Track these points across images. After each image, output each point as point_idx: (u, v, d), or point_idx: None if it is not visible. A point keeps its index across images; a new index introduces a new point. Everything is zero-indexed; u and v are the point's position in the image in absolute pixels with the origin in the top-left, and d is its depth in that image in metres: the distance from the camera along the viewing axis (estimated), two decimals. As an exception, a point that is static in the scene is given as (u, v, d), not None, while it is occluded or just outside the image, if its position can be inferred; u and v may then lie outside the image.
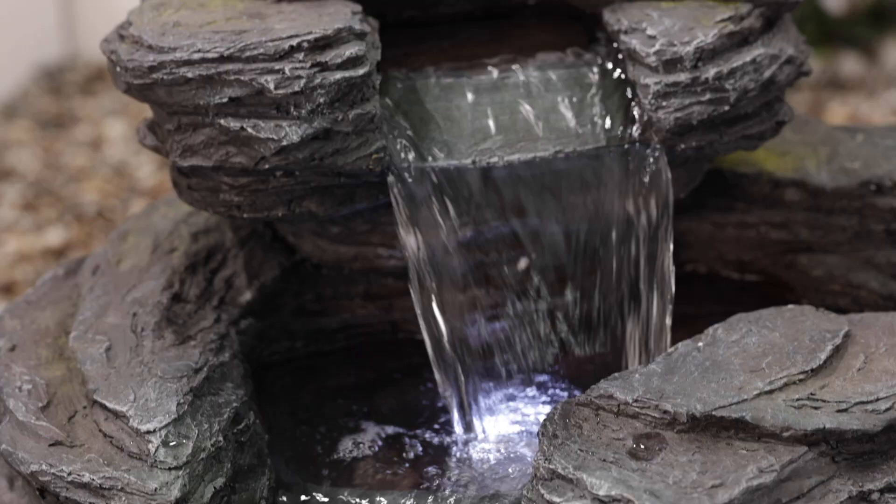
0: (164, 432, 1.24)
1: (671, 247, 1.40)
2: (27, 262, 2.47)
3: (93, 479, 1.22)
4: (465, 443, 1.39)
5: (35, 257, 2.50)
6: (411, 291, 1.37)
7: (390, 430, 1.42)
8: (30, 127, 2.95)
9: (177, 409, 1.26)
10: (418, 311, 1.37)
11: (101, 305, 1.41)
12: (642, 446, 1.21)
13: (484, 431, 1.41)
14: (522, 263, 1.44)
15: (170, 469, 1.22)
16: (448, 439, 1.40)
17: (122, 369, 1.31)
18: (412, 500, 1.28)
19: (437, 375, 1.39)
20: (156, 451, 1.22)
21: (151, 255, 1.47)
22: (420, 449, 1.39)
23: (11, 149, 2.85)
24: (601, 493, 1.16)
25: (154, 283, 1.43)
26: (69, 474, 1.23)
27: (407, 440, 1.40)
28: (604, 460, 1.19)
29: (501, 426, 1.42)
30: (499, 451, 1.38)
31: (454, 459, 1.37)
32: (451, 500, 1.27)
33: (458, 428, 1.41)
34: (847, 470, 1.21)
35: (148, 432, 1.24)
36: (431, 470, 1.35)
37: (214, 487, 1.23)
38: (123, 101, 2.95)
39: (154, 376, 1.29)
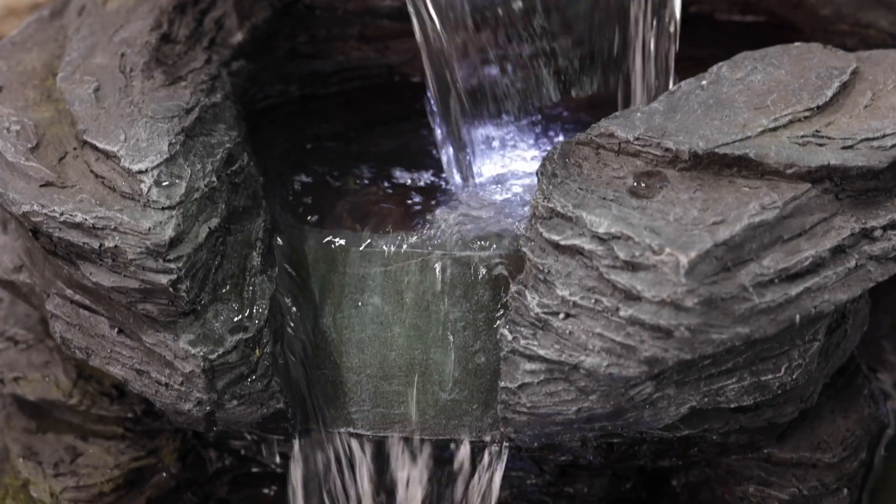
0: (156, 172, 1.21)
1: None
2: (15, 17, 2.41)
3: (85, 219, 1.20)
4: (464, 184, 1.38)
5: (23, 12, 2.44)
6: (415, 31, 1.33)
7: (387, 172, 1.40)
8: None
9: (168, 149, 1.23)
10: (422, 51, 1.33)
11: (88, 46, 1.37)
12: (643, 184, 1.19)
13: (482, 174, 1.39)
14: (522, 3, 1.39)
15: (163, 208, 1.20)
16: (446, 182, 1.38)
17: (112, 110, 1.28)
18: (410, 240, 1.27)
19: (435, 118, 1.36)
20: (148, 190, 1.20)
21: (139, -6, 1.43)
22: (418, 191, 1.37)
23: None
24: (600, 230, 1.14)
25: (142, 24, 1.38)
26: (61, 214, 1.21)
27: (404, 182, 1.39)
28: (603, 198, 1.17)
29: (500, 168, 1.40)
30: (497, 192, 1.36)
31: (453, 201, 1.35)
32: (450, 239, 1.26)
33: (455, 171, 1.39)
34: (850, 207, 1.19)
35: (140, 172, 1.21)
36: (430, 212, 1.34)
37: (209, 227, 1.22)
38: None
39: (145, 116, 1.26)
